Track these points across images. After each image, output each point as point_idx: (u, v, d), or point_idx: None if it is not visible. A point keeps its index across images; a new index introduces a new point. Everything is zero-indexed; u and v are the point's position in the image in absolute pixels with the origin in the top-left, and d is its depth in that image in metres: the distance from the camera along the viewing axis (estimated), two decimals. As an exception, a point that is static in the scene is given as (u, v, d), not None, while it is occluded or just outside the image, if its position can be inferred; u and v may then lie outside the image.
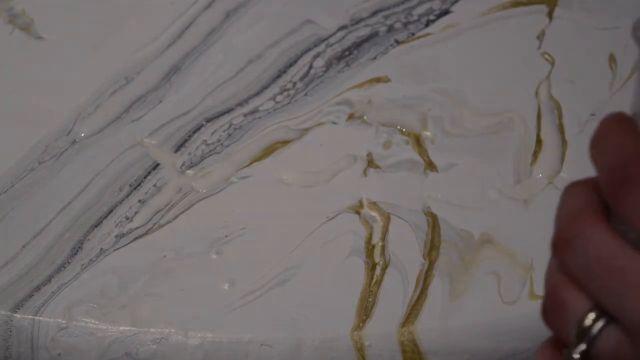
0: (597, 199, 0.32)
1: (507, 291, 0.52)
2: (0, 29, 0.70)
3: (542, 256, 0.53)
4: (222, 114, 0.63)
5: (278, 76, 0.65)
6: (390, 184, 0.58)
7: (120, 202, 0.59)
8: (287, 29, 0.68)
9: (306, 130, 0.62)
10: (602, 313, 0.31)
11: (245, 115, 0.63)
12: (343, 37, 0.67)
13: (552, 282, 0.33)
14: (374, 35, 0.67)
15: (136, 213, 0.58)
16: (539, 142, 0.59)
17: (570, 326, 0.32)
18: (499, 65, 0.64)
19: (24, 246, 0.57)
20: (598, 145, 0.33)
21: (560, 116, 0.60)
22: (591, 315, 0.31)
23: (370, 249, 0.55)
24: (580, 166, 0.57)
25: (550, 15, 0.66)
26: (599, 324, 0.31)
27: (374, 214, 0.56)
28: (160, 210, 0.58)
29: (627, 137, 0.32)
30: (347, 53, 0.66)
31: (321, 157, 0.60)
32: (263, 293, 0.53)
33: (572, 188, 0.34)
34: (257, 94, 0.64)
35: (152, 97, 0.65)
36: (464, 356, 0.50)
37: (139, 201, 0.59)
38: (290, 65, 0.66)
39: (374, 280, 0.53)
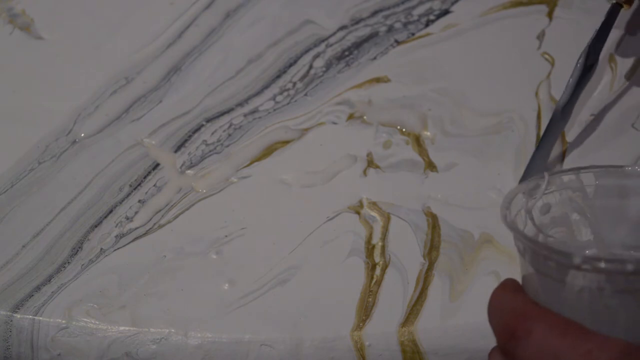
0: (527, 296, 0.39)
1: (507, 291, 0.52)
2: (0, 29, 0.70)
3: (542, 256, 0.53)
4: (222, 114, 0.63)
5: (278, 76, 0.65)
6: (390, 184, 0.58)
7: (120, 202, 0.59)
8: (287, 29, 0.68)
9: (306, 130, 0.62)
10: None
11: (245, 115, 0.63)
12: (343, 37, 0.67)
13: None
14: (374, 35, 0.67)
15: (136, 213, 0.58)
16: (539, 142, 0.59)
17: None
18: (499, 65, 0.64)
19: (24, 246, 0.57)
20: (489, 313, 0.39)
21: (560, 116, 0.60)
22: None
23: (370, 249, 0.55)
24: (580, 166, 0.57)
25: (550, 15, 0.66)
26: None
27: (374, 214, 0.56)
28: (160, 210, 0.58)
29: (507, 297, 0.39)
30: (347, 53, 0.66)
31: (321, 157, 0.60)
32: (263, 293, 0.53)
33: (500, 292, 0.40)
34: (257, 94, 0.64)
35: (152, 97, 0.65)
36: (463, 356, 0.50)
37: (139, 201, 0.59)
38: (290, 65, 0.66)
39: (374, 280, 0.53)
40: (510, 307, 0.39)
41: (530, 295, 0.40)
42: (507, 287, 0.40)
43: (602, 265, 0.37)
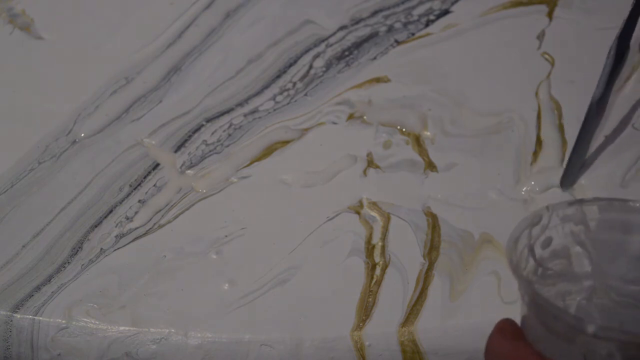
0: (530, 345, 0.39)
1: (507, 291, 0.52)
2: (0, 29, 0.70)
3: (542, 256, 0.53)
4: (222, 114, 0.63)
5: (278, 76, 0.65)
6: (390, 184, 0.58)
7: (120, 202, 0.59)
8: (287, 29, 0.68)
9: (306, 130, 0.62)
10: None
11: (245, 115, 0.63)
12: (343, 37, 0.67)
13: None
14: (374, 35, 0.67)
15: (136, 213, 0.58)
16: (539, 142, 0.59)
17: None
18: (499, 65, 0.64)
19: (24, 246, 0.57)
20: (487, 357, 0.39)
21: (560, 116, 0.60)
22: None
23: (370, 249, 0.55)
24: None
25: (550, 15, 0.66)
26: None
27: (374, 214, 0.56)
28: (160, 210, 0.58)
29: (508, 345, 0.38)
30: (347, 53, 0.66)
31: (321, 157, 0.60)
32: (263, 293, 0.53)
33: (499, 337, 0.39)
34: (257, 94, 0.64)
35: (152, 97, 0.65)
36: (463, 356, 0.50)
37: (139, 201, 0.59)
38: (290, 65, 0.66)
39: (374, 280, 0.53)
40: (512, 357, 0.37)
41: (530, 341, 0.39)
42: (507, 333, 0.39)
43: (617, 336, 0.36)
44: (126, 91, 0.65)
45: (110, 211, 0.58)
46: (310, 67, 0.65)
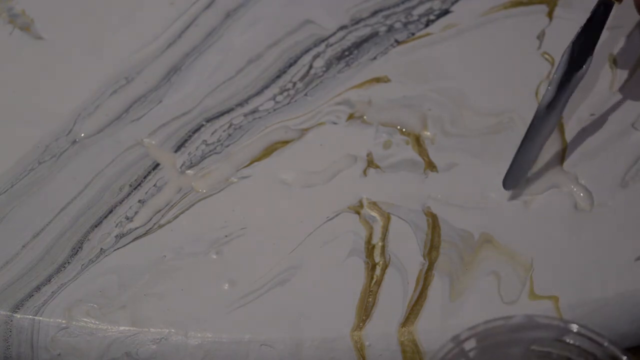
0: None
1: (507, 291, 0.52)
2: (0, 29, 0.70)
3: (542, 256, 0.53)
4: (222, 114, 0.63)
5: (278, 76, 0.65)
6: (390, 184, 0.58)
7: (120, 202, 0.59)
8: (287, 29, 0.68)
9: (306, 130, 0.62)
10: None
11: (245, 115, 0.63)
12: (343, 37, 0.67)
13: None
14: (374, 35, 0.67)
15: (136, 213, 0.58)
16: (539, 142, 0.59)
17: None
18: (499, 65, 0.64)
19: (24, 246, 0.57)
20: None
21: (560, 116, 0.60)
22: None
23: (370, 249, 0.55)
24: (581, 166, 0.57)
25: (550, 15, 0.66)
26: None
27: (374, 214, 0.56)
28: (160, 210, 0.58)
29: None
30: (347, 53, 0.66)
31: (321, 157, 0.60)
32: (263, 293, 0.53)
33: None
34: (257, 94, 0.64)
35: (152, 97, 0.65)
36: (464, 356, 0.50)
37: (139, 201, 0.59)
38: (290, 65, 0.66)
39: (374, 280, 0.53)
40: None
41: None
42: None
43: None
44: (126, 91, 0.65)
45: (110, 211, 0.58)
46: (310, 67, 0.65)
